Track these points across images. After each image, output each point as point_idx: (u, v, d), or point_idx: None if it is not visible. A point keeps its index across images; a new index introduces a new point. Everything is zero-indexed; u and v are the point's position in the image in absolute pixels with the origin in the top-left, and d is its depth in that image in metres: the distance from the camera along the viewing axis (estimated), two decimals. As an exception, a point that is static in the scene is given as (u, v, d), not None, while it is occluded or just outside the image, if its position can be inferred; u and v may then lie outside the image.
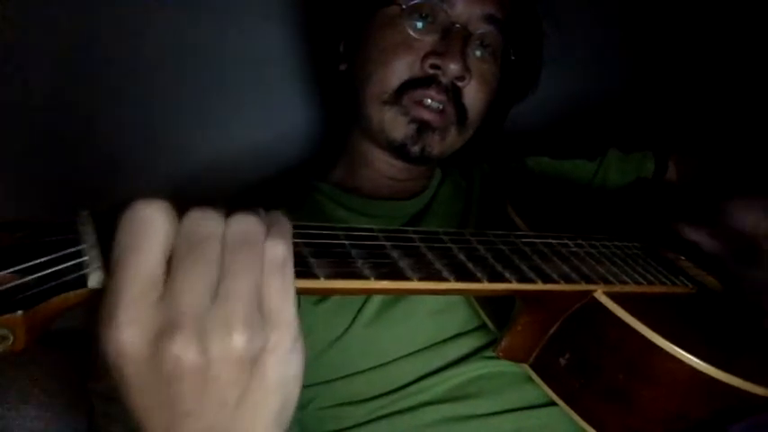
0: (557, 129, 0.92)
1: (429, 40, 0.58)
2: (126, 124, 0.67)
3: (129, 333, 0.24)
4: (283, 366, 0.27)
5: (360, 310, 0.52)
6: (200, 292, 0.25)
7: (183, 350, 0.24)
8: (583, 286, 0.39)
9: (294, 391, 0.28)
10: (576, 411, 0.41)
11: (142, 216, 0.25)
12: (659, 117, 0.98)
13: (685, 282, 0.46)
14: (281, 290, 0.27)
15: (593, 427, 0.41)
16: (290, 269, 0.27)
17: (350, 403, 0.51)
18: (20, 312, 0.22)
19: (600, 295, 0.40)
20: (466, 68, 0.58)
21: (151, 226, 0.25)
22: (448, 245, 0.37)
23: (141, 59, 0.67)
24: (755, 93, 0.92)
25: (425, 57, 0.58)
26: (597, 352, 0.40)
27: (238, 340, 0.25)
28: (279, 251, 0.27)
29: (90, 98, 0.65)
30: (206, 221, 0.26)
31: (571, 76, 0.91)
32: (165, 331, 0.24)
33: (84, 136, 0.65)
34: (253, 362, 0.26)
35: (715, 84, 0.97)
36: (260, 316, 0.26)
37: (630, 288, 0.42)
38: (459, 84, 0.59)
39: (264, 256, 0.26)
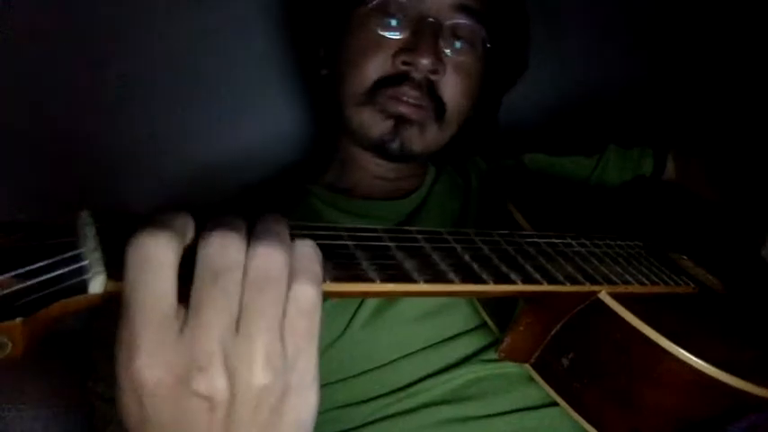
0: (553, 125, 0.91)
1: (399, 37, 0.58)
2: (124, 127, 0.67)
3: (151, 373, 0.23)
4: (301, 407, 0.26)
5: (356, 312, 0.52)
6: (224, 327, 0.24)
7: (210, 389, 0.23)
8: (587, 287, 0.39)
9: (309, 428, 0.27)
10: (577, 411, 0.41)
11: (147, 254, 0.23)
12: (657, 113, 0.97)
13: (687, 281, 0.46)
14: (307, 333, 0.25)
15: (595, 427, 0.41)
16: (318, 314, 0.26)
17: (348, 406, 0.51)
18: (19, 319, 0.22)
19: (604, 296, 0.40)
20: (438, 61, 0.57)
21: (157, 264, 0.23)
22: (452, 245, 0.37)
23: (138, 64, 0.66)
24: (754, 88, 0.92)
25: (396, 54, 0.57)
26: (600, 352, 0.40)
27: (261, 380, 0.24)
28: (310, 296, 0.25)
29: (88, 100, 0.65)
30: (227, 249, 0.24)
31: (567, 72, 0.91)
32: (191, 370, 0.23)
33: (82, 137, 0.65)
34: (274, 404, 0.25)
35: (713, 79, 0.97)
36: (283, 358, 0.25)
37: (633, 288, 0.42)
38: (433, 78, 0.58)
39: (293, 297, 0.25)
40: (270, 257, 0.25)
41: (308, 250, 0.27)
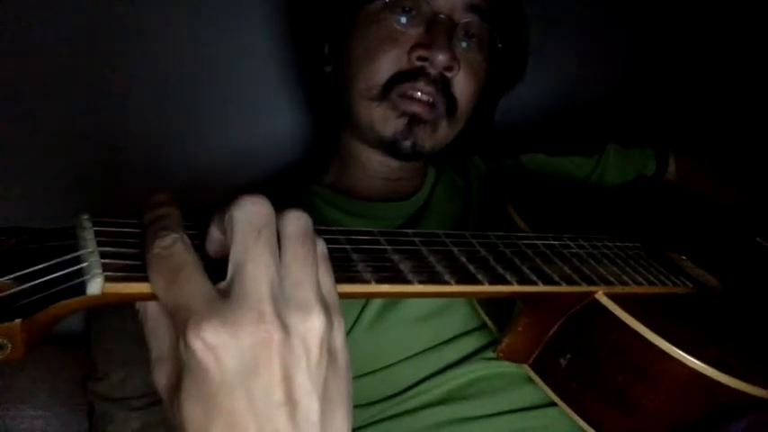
0: (551, 125, 0.91)
1: (414, 32, 0.58)
2: (124, 128, 0.67)
3: (217, 334, 0.23)
4: (347, 350, 0.27)
5: (360, 314, 0.52)
6: (271, 278, 0.25)
7: (268, 333, 0.24)
8: (584, 288, 0.39)
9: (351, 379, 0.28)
10: (576, 412, 0.41)
11: (170, 253, 0.25)
12: (656, 112, 0.97)
13: (685, 282, 0.46)
14: (331, 279, 0.28)
15: (593, 427, 0.41)
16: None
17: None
18: (18, 321, 0.22)
19: (601, 296, 0.40)
20: (454, 58, 0.57)
21: (183, 251, 0.25)
22: (449, 247, 0.37)
23: (138, 64, 0.66)
24: (752, 86, 0.92)
25: (412, 49, 0.57)
26: (597, 353, 0.40)
27: (319, 320, 0.25)
28: (324, 246, 0.28)
29: (89, 101, 0.65)
30: (263, 207, 0.26)
31: (565, 72, 0.91)
32: (250, 319, 0.24)
33: (82, 137, 0.65)
34: (330, 347, 0.26)
35: (711, 77, 0.96)
36: (327, 301, 0.27)
37: (631, 289, 0.42)
38: (448, 74, 0.58)
39: (318, 252, 0.28)
40: (302, 216, 0.28)
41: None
